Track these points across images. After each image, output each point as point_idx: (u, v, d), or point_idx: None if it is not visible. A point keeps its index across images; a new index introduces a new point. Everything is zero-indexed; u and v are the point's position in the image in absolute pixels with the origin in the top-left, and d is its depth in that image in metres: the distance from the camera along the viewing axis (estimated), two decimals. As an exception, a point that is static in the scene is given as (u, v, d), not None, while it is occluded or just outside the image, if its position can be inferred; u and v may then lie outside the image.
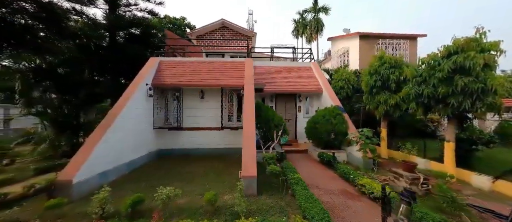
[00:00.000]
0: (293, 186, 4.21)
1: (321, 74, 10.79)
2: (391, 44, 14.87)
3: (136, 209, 3.49)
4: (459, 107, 4.84)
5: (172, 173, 6.03)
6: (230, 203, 3.92)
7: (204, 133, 8.24)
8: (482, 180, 4.79)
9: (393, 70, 7.29)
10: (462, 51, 4.83)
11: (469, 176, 5.12)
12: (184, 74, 8.11)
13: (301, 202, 3.48)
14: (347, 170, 5.34)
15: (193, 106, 8.26)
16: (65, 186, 4.09)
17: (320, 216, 2.93)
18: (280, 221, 2.97)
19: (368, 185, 4.31)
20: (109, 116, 5.59)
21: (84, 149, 4.74)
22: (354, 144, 6.99)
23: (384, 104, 7.30)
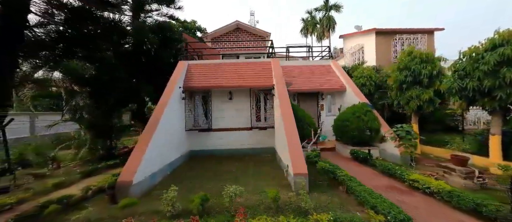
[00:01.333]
0: (347, 183, 4.24)
1: (343, 72, 10.77)
2: (408, 39, 14.71)
3: (204, 206, 3.58)
4: (507, 100, 4.79)
5: (211, 172, 6.14)
6: (286, 201, 3.97)
7: (233, 133, 8.33)
8: None
9: (425, 65, 7.24)
10: (508, 43, 4.78)
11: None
12: (212, 76, 8.24)
13: (366, 197, 3.50)
14: (391, 166, 5.34)
15: (221, 107, 8.37)
16: (125, 187, 4.23)
17: (396, 211, 2.96)
18: (353, 216, 3.01)
19: (422, 180, 4.31)
20: (153, 120, 5.74)
21: (136, 152, 4.89)
22: (388, 140, 6.98)
23: (416, 100, 7.24)
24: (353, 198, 4.11)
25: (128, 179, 4.29)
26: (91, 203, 4.35)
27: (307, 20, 25.53)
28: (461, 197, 3.51)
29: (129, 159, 4.70)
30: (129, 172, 4.41)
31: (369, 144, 7.62)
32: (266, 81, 8.08)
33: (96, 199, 4.59)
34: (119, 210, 3.63)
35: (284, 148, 5.80)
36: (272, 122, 8.26)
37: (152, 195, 4.63)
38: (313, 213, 3.13)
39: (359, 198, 3.73)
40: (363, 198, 3.60)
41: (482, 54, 5.11)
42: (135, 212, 3.71)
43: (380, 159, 6.88)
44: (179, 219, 3.31)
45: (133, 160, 4.67)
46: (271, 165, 6.78)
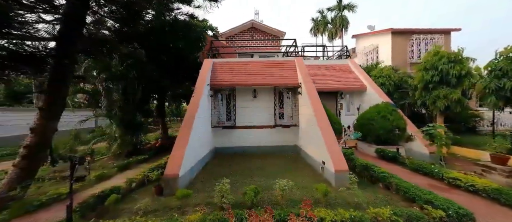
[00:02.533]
0: (389, 179, 4.30)
1: (362, 71, 10.78)
2: (424, 40, 14.62)
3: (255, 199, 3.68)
4: (548, 99, 4.78)
5: (242, 169, 6.23)
6: (333, 196, 4.03)
7: (257, 131, 8.43)
8: None
9: (452, 65, 7.22)
10: (549, 42, 4.77)
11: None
12: (237, 74, 8.35)
13: (416, 193, 3.56)
14: (426, 165, 5.37)
15: (245, 105, 8.47)
16: (173, 179, 4.36)
17: (455, 206, 3.02)
18: (411, 211, 3.07)
19: (464, 178, 4.34)
20: (189, 116, 5.87)
21: (178, 147, 5.02)
22: (415, 140, 7.00)
23: (444, 99, 7.24)
24: (394, 194, 4.18)
25: (174, 172, 4.42)
26: (137, 194, 4.50)
27: (317, 19, 25.49)
28: (511, 194, 3.55)
29: (172, 153, 4.83)
30: (175, 165, 4.53)
31: (393, 143, 7.63)
32: (290, 79, 8.16)
33: (140, 191, 4.74)
34: (177, 200, 3.75)
35: (316, 145, 5.88)
36: (295, 120, 8.33)
37: (194, 188, 4.75)
38: (370, 207, 3.20)
39: (406, 194, 3.79)
40: (412, 194, 3.66)
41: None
42: (189, 203, 3.83)
43: (408, 157, 6.89)
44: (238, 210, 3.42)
45: (177, 154, 4.80)
46: (298, 162, 6.86)
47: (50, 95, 3.60)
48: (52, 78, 3.61)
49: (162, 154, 8.69)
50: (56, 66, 3.56)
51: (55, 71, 3.58)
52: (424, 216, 2.95)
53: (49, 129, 3.77)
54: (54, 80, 3.62)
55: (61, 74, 3.66)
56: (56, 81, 3.64)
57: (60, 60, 3.56)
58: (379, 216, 2.95)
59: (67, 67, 3.71)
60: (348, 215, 2.93)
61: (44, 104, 3.61)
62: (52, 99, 3.65)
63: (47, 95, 3.59)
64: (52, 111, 3.73)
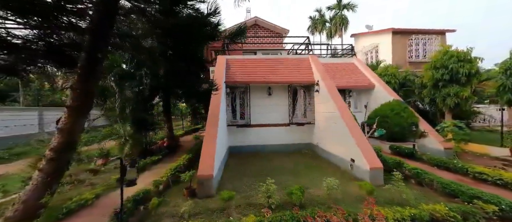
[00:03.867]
0: (423, 175, 4.38)
1: (369, 69, 10.96)
2: (423, 39, 15.18)
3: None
4: (560, 97, 5.08)
5: (264, 168, 6.11)
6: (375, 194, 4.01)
7: (272, 129, 8.33)
8: None
9: (462, 64, 7.51)
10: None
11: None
12: (251, 72, 8.18)
13: (459, 188, 3.64)
14: (448, 160, 5.54)
15: (260, 103, 8.34)
16: (207, 180, 4.18)
17: (506, 200, 3.11)
18: (467, 207, 3.12)
19: (490, 173, 4.51)
20: (213, 115, 5.65)
21: (208, 147, 4.82)
22: (428, 136, 7.22)
23: (454, 97, 7.52)
24: (429, 190, 4.27)
25: (209, 172, 4.23)
26: (167, 197, 4.27)
27: (315, 18, 25.68)
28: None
29: (203, 154, 4.62)
30: (208, 166, 4.34)
31: (405, 140, 7.83)
32: (306, 77, 8.13)
33: (167, 194, 4.51)
34: (223, 202, 3.58)
35: (340, 143, 5.89)
36: (309, 118, 8.32)
37: (225, 188, 4.58)
38: (422, 204, 3.23)
39: (446, 189, 3.87)
40: (453, 190, 3.74)
41: (534, 53, 5.38)
42: (230, 205, 3.68)
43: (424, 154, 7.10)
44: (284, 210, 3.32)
45: (208, 153, 4.61)
46: (317, 160, 6.87)
47: (80, 91, 3.29)
48: (83, 73, 3.29)
49: (173, 154, 8.42)
50: (88, 59, 3.25)
51: (87, 65, 3.26)
52: (478, 211, 3.01)
53: (77, 128, 3.46)
54: (85, 75, 3.31)
55: (92, 69, 3.35)
56: (87, 76, 3.32)
57: (93, 54, 3.26)
58: (437, 213, 2.97)
59: (99, 61, 3.40)
60: (408, 213, 2.93)
61: (73, 101, 3.29)
62: (82, 96, 3.33)
63: (77, 91, 3.27)
64: (81, 108, 3.42)
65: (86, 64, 3.27)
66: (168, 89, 9.51)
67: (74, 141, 3.53)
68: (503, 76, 5.81)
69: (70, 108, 3.31)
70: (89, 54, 3.25)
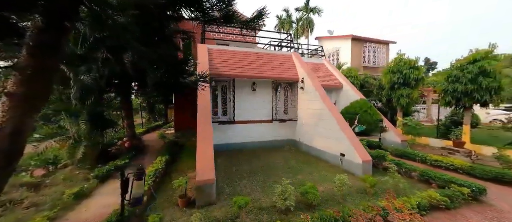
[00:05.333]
0: (401, 166, 5.01)
1: (337, 70, 11.98)
2: (373, 48, 17.67)
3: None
4: (480, 99, 6.69)
5: (254, 166, 5.86)
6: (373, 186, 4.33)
7: (256, 126, 8.09)
8: (490, 149, 6.83)
9: (412, 70, 9.03)
10: (483, 59, 6.66)
11: (478, 148, 7.19)
12: (236, 65, 7.66)
13: (436, 175, 4.30)
14: (410, 151, 6.55)
15: (245, 99, 7.94)
16: (208, 186, 3.61)
17: (476, 184, 3.82)
18: (452, 191, 3.67)
19: (444, 160, 5.54)
20: (205, 109, 4.97)
21: (203, 146, 4.18)
22: (388, 130, 8.42)
23: (406, 98, 8.99)
24: (406, 177, 4.91)
25: (208, 177, 3.66)
26: (157, 210, 3.49)
27: (282, 17, 26.48)
28: (481, 169, 4.80)
29: (199, 155, 3.97)
30: (208, 168, 3.75)
31: (371, 134, 8.95)
32: (290, 74, 8.18)
33: (155, 206, 3.71)
34: (230, 208, 3.13)
35: (329, 138, 6.17)
36: (292, 115, 8.47)
37: (225, 193, 4.11)
38: (416, 192, 3.64)
39: (423, 177, 4.51)
40: (430, 176, 4.39)
41: (466, 65, 6.91)
42: (240, 212, 3.26)
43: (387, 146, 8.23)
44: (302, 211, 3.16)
45: (205, 155, 3.99)
46: (304, 156, 7.03)
47: (34, 71, 2.25)
48: (39, 44, 2.25)
49: (142, 157, 7.15)
50: (50, 24, 2.24)
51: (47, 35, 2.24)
52: (459, 194, 3.59)
53: (26, 126, 2.38)
54: (44, 48, 2.28)
55: (56, 40, 2.33)
56: (47, 49, 2.30)
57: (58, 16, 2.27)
58: (432, 199, 3.39)
59: (60, 34, 2.39)
60: (414, 201, 3.22)
61: (21, 86, 2.22)
62: (37, 78, 2.30)
63: (28, 71, 2.22)
64: (34, 96, 2.37)
65: (46, 33, 2.23)
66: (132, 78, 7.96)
67: (19, 144, 2.42)
68: (445, 82, 7.28)
69: (14, 96, 2.22)
70: (52, 16, 2.23)
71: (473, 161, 5.81)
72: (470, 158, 5.94)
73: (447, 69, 7.53)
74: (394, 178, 4.00)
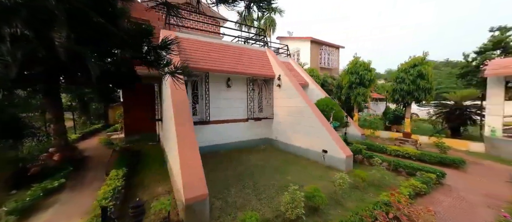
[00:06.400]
0: (373, 157, 5.51)
1: (303, 70, 12.57)
2: (328, 51, 19.55)
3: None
4: (418, 98, 8.19)
5: (237, 170, 5.34)
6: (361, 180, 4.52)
7: (231, 126, 7.47)
8: (423, 138, 8.49)
9: (367, 72, 10.31)
10: (420, 64, 8.15)
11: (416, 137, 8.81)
12: (209, 57, 6.82)
13: (407, 166, 4.86)
14: (373, 143, 7.37)
15: (219, 96, 7.17)
16: (200, 204, 2.89)
17: (438, 171, 4.47)
18: (426, 178, 4.16)
19: (402, 149, 6.45)
20: (184, 107, 4.04)
21: (188, 151, 3.35)
22: (350, 125, 9.35)
23: (362, 96, 10.20)
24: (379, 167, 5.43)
25: (201, 192, 2.93)
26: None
27: (242, 13, 26.04)
28: (429, 155, 5.79)
29: (183, 166, 3.14)
30: (197, 181, 3.00)
31: (336, 129, 9.73)
32: (265, 70, 7.91)
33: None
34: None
35: (310, 136, 6.23)
36: (267, 113, 8.26)
37: (215, 206, 3.45)
38: (402, 182, 3.97)
39: (398, 167, 5.04)
40: (400, 166, 4.94)
41: (408, 69, 8.31)
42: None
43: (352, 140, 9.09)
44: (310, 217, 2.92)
45: (193, 165, 3.20)
46: (283, 154, 6.92)
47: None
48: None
49: (84, 173, 5.44)
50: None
51: None
52: (430, 179, 4.12)
53: None
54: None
55: None
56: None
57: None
58: (416, 187, 3.74)
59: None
60: (406, 192, 3.46)
61: None
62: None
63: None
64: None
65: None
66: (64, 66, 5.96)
67: None
68: (394, 83, 8.59)
69: None
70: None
71: (417, 149, 7.02)
72: (415, 146, 7.17)
73: (396, 72, 8.92)
74: (380, 171, 4.27)
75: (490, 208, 3.48)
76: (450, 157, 5.58)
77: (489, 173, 5.18)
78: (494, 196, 3.90)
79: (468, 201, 3.75)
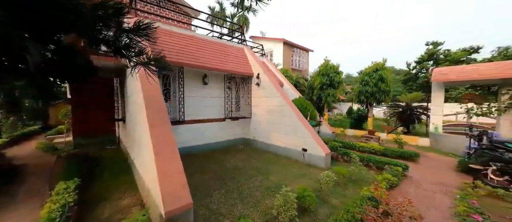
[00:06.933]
0: (347, 154, 5.89)
1: (278, 70, 12.78)
2: (299, 53, 20.43)
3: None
4: (379, 99, 9.19)
5: (216, 171, 5.00)
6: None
7: (207, 126, 6.99)
8: (383, 135, 9.58)
9: (336, 74, 11.09)
10: (381, 69, 9.16)
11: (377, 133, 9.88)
12: (184, 50, 6.21)
13: (376, 160, 5.30)
14: (346, 141, 7.91)
15: (195, 94, 6.61)
16: (184, 214, 2.51)
17: (403, 164, 4.99)
18: (395, 172, 4.58)
19: (367, 145, 7.09)
20: (160, 110, 3.49)
21: (167, 159, 2.88)
22: (322, 124, 9.91)
23: (332, 97, 10.93)
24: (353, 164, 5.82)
25: (185, 201, 2.55)
26: None
27: (214, 9, 25.15)
28: (391, 151, 6.51)
29: (161, 173, 2.67)
30: (179, 189, 2.60)
31: (308, 128, 10.16)
32: (244, 68, 7.68)
33: None
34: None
35: (288, 135, 6.28)
36: (244, 112, 8.04)
37: (200, 216, 3.07)
38: (378, 176, 4.29)
39: (369, 162, 5.46)
40: (370, 160, 5.38)
41: (370, 73, 9.23)
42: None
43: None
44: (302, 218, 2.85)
45: (171, 169, 2.76)
46: (262, 153, 6.81)
47: None
48: None
49: (16, 187, 4.27)
50: None
51: None
52: (399, 172, 4.56)
53: None
54: None
55: None
56: None
57: None
58: (390, 180, 4.08)
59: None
60: (384, 184, 3.73)
61: None
62: None
63: None
64: None
65: None
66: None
67: None
68: (360, 85, 9.45)
69: None
70: None
71: (380, 144, 7.84)
72: (378, 142, 8.00)
73: (361, 75, 9.83)
74: (358, 167, 4.54)
75: (446, 194, 4.04)
76: (408, 151, 6.38)
77: (436, 164, 6.10)
78: (446, 184, 4.56)
79: (428, 190, 4.28)
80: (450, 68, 8.21)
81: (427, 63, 20.83)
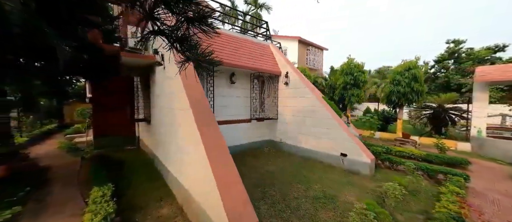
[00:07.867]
0: (390, 160, 5.38)
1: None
2: (314, 51, 19.83)
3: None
4: (412, 100, 8.58)
5: (252, 177, 4.60)
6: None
7: (234, 126, 6.63)
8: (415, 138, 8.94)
9: (361, 73, 10.51)
10: (414, 68, 8.54)
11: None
12: (217, 47, 5.83)
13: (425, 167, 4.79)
14: (377, 144, 7.37)
15: (223, 93, 6.27)
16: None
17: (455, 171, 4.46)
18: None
19: (406, 150, 6.53)
20: (204, 106, 3.12)
21: (223, 169, 2.50)
22: (350, 126, 9.36)
23: (356, 97, 10.37)
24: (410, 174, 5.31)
25: (250, 219, 2.16)
26: None
27: (225, 8, 24.84)
28: (435, 156, 5.94)
29: (219, 183, 2.30)
30: (241, 205, 2.22)
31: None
32: (270, 66, 7.27)
33: None
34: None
35: (322, 138, 5.83)
36: (270, 113, 7.63)
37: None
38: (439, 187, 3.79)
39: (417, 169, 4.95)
40: (421, 168, 4.86)
41: (403, 72, 8.63)
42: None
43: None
44: None
45: (229, 179, 2.39)
46: (292, 157, 6.39)
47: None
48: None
49: (44, 193, 4.01)
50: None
51: None
52: (461, 184, 4.04)
53: None
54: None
55: None
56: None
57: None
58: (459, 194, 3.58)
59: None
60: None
61: None
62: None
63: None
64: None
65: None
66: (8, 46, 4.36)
67: None
68: (391, 85, 8.87)
69: None
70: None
71: (417, 149, 7.26)
72: (415, 146, 7.42)
73: (392, 74, 9.24)
74: (415, 177, 4.05)
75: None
76: (456, 157, 5.80)
77: (490, 172, 5.50)
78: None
79: (499, 203, 3.75)
80: (494, 67, 7.54)
81: (447, 62, 19.84)
